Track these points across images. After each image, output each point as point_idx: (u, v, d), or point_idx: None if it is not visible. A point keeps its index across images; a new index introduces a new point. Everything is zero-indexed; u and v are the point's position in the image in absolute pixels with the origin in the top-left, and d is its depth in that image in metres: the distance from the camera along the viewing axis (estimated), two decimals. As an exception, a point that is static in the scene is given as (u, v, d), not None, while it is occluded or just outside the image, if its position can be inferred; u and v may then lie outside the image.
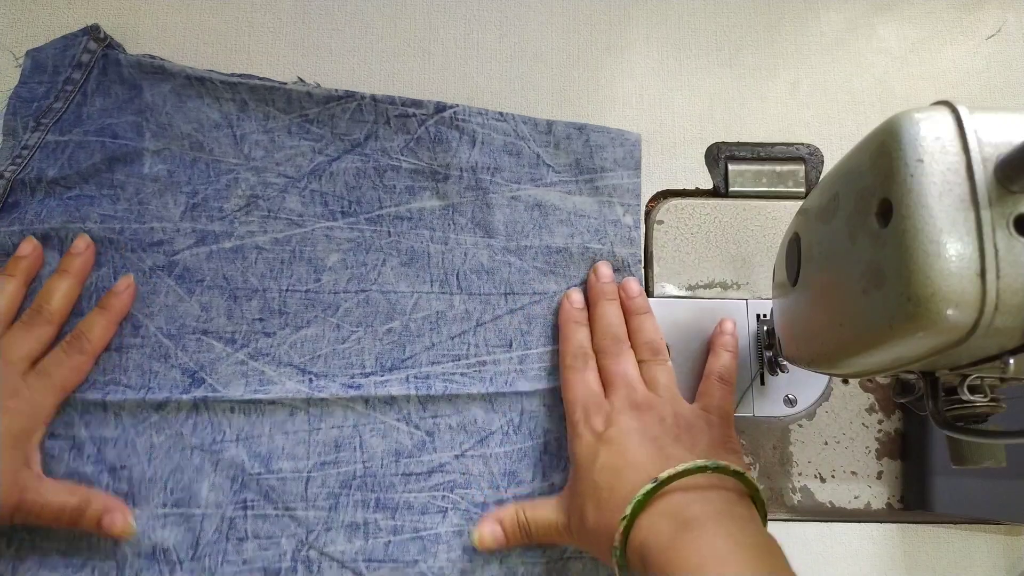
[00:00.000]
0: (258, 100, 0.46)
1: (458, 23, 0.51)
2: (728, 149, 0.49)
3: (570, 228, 0.46)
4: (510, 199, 0.46)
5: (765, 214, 0.48)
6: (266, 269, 0.45)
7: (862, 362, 0.29)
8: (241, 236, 0.45)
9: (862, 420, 0.46)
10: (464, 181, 0.46)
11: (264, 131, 0.46)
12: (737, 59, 0.51)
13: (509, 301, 0.45)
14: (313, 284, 0.45)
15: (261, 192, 0.46)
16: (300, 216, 0.45)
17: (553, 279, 0.46)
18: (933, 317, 0.23)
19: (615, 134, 0.48)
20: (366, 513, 0.42)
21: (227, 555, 0.41)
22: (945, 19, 0.52)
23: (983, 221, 0.23)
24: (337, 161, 0.46)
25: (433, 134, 0.46)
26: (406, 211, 0.46)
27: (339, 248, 0.45)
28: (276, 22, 0.50)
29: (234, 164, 0.46)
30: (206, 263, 0.44)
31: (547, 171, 0.47)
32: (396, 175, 0.46)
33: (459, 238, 0.46)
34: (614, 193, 0.47)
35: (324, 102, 0.46)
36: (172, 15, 0.50)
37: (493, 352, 0.44)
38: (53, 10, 0.49)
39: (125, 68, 0.46)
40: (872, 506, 0.44)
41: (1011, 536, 0.44)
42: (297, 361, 0.43)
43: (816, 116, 0.50)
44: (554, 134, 0.47)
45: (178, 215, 0.45)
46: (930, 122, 0.25)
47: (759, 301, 0.46)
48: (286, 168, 0.46)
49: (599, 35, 0.51)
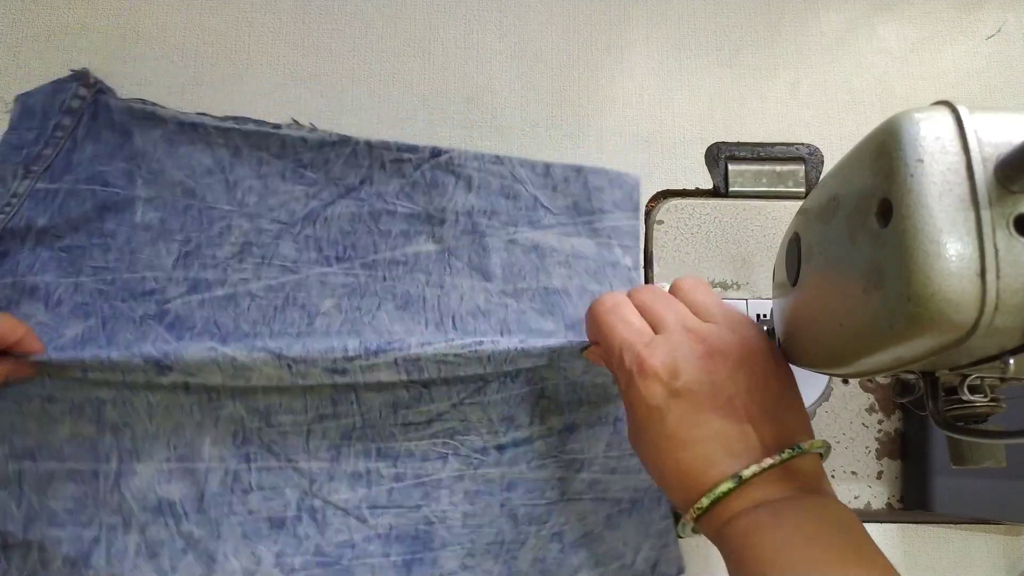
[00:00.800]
0: (251, 146, 0.46)
1: (458, 23, 0.51)
2: (728, 149, 0.49)
3: (568, 270, 0.46)
4: (507, 242, 0.46)
5: (765, 214, 0.48)
6: (259, 315, 0.44)
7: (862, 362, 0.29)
8: (234, 283, 0.44)
9: (862, 420, 0.46)
10: (460, 225, 0.45)
11: (258, 176, 0.46)
12: (737, 59, 0.51)
13: (506, 337, 0.44)
14: (305, 327, 0.44)
15: (255, 239, 0.45)
16: (294, 262, 0.45)
17: (551, 319, 0.45)
18: (933, 317, 0.23)
19: (613, 176, 0.47)
20: (368, 462, 0.42)
21: (232, 507, 0.41)
22: (945, 19, 0.52)
23: (983, 221, 0.23)
24: (332, 206, 0.45)
25: (429, 178, 0.46)
26: (401, 255, 0.45)
27: (333, 293, 0.44)
28: (276, 22, 0.50)
29: (227, 211, 0.45)
30: (198, 311, 0.44)
31: (545, 213, 0.46)
32: (391, 219, 0.45)
33: (455, 281, 0.45)
34: (613, 235, 0.46)
35: (318, 147, 0.46)
36: (172, 15, 0.50)
37: (490, 335, 0.43)
38: (53, 10, 0.49)
39: (116, 114, 0.46)
40: (872, 506, 0.44)
41: (1011, 536, 0.44)
42: (272, 346, 0.41)
43: (816, 116, 0.50)
44: (552, 176, 0.47)
45: (170, 264, 0.44)
46: (930, 122, 0.25)
47: (759, 301, 0.46)
48: (280, 214, 0.45)
49: (599, 35, 0.51)
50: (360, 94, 0.50)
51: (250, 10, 0.50)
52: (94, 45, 0.49)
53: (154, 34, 0.49)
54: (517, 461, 0.43)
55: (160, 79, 0.49)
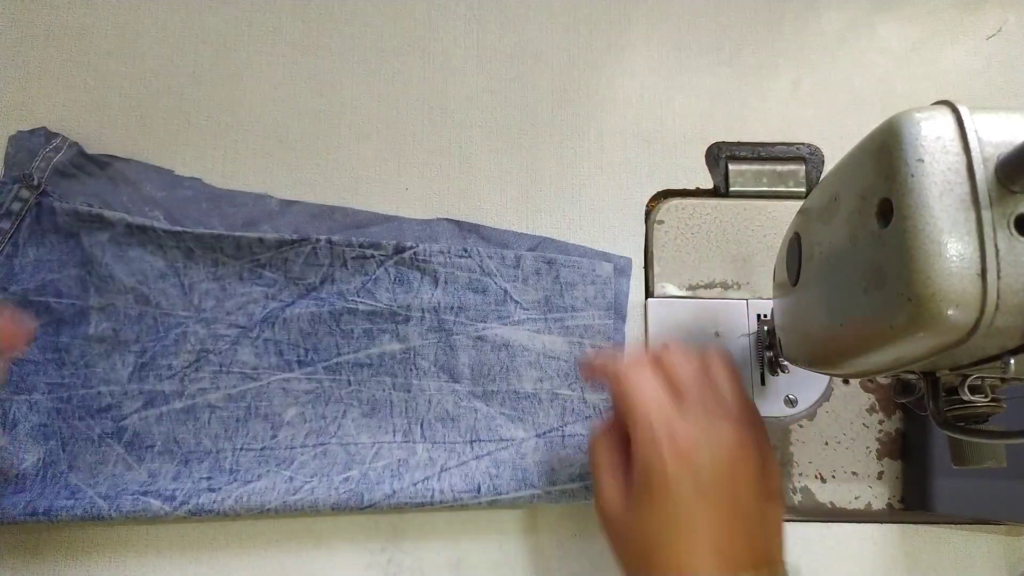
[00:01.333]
0: (205, 247, 0.44)
1: (458, 23, 0.51)
2: (728, 149, 0.49)
3: (539, 371, 0.44)
4: (475, 339, 0.44)
5: (765, 214, 0.48)
6: (220, 429, 0.42)
7: (863, 362, 0.29)
8: (192, 395, 0.43)
9: (863, 420, 0.45)
10: (426, 323, 0.44)
11: (214, 278, 0.44)
12: (737, 58, 0.51)
13: (475, 448, 0.43)
14: (269, 441, 0.42)
15: (211, 346, 0.43)
16: (254, 369, 0.43)
17: (521, 426, 0.44)
18: (934, 317, 0.23)
19: (586, 270, 0.46)
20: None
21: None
22: (946, 19, 0.52)
23: (984, 221, 0.23)
24: (291, 307, 0.44)
25: (393, 275, 0.44)
26: (365, 357, 0.44)
27: (297, 401, 0.43)
28: (276, 22, 0.50)
29: (183, 317, 0.43)
30: (156, 427, 0.42)
31: (515, 308, 0.45)
32: (353, 318, 0.44)
33: (422, 384, 0.44)
34: (585, 334, 0.45)
35: (276, 247, 0.44)
36: (172, 15, 0.50)
37: (460, 497, 0.41)
38: (53, 10, 0.49)
39: (60, 216, 0.44)
40: (873, 506, 0.44)
41: (1011, 536, 0.44)
42: (243, 513, 0.40)
43: (817, 116, 0.50)
44: (522, 268, 0.45)
45: (126, 376, 0.42)
46: (931, 122, 0.25)
47: (759, 301, 0.46)
48: (237, 317, 0.44)
49: (599, 35, 0.51)
50: (360, 94, 0.50)
51: (250, 10, 0.50)
52: (94, 45, 0.49)
53: (154, 34, 0.49)
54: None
55: (160, 79, 0.49)
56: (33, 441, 0.41)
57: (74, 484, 0.41)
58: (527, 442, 0.43)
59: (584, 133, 0.49)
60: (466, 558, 0.43)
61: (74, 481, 0.41)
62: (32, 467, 0.41)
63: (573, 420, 0.44)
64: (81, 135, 0.47)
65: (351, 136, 0.49)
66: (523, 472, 0.43)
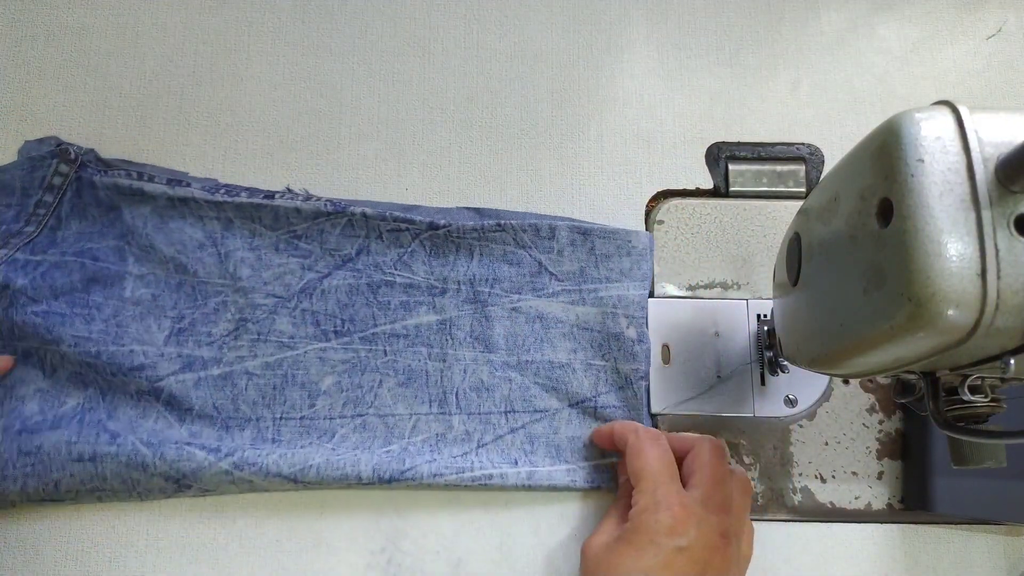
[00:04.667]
0: (244, 217, 0.45)
1: (458, 23, 0.51)
2: (728, 149, 0.49)
3: (573, 343, 0.45)
4: (510, 311, 0.45)
5: (765, 214, 0.48)
6: (258, 396, 0.43)
7: (863, 362, 0.29)
8: (230, 362, 0.43)
9: (863, 420, 0.45)
10: (462, 294, 0.45)
11: (250, 248, 0.45)
12: (737, 59, 0.51)
13: (510, 420, 0.44)
14: (308, 411, 0.43)
15: (249, 315, 0.44)
16: (291, 338, 0.44)
17: (555, 396, 0.44)
18: (934, 317, 0.23)
19: (622, 241, 0.46)
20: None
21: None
22: (945, 19, 0.52)
23: (984, 221, 0.23)
24: (328, 278, 0.45)
25: (428, 248, 0.45)
26: (402, 328, 0.44)
27: (333, 370, 0.44)
28: (276, 22, 0.50)
29: (220, 286, 0.44)
30: (194, 391, 0.42)
31: (549, 280, 0.45)
32: (390, 291, 0.45)
33: (457, 354, 0.44)
34: (619, 305, 0.45)
35: (313, 217, 0.45)
36: (172, 15, 0.50)
37: (499, 467, 0.42)
38: (53, 10, 0.49)
39: (101, 191, 0.45)
40: (873, 507, 0.44)
41: (1011, 536, 0.44)
42: (287, 471, 0.41)
43: (817, 116, 0.50)
44: (557, 240, 0.46)
45: (161, 339, 0.43)
46: (931, 122, 0.25)
47: (759, 301, 0.46)
48: (275, 287, 0.44)
49: (599, 35, 0.51)
50: (360, 94, 0.50)
51: (250, 10, 0.50)
52: (94, 45, 0.49)
53: (154, 34, 0.49)
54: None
55: (160, 79, 0.49)
56: (73, 386, 0.42)
57: (113, 429, 0.41)
58: (560, 413, 0.44)
59: (584, 133, 0.49)
60: (466, 558, 0.43)
61: (112, 428, 0.41)
62: (72, 410, 0.42)
63: (607, 390, 0.44)
64: (81, 135, 0.47)
65: (351, 136, 0.49)
66: (556, 449, 0.43)
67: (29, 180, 0.45)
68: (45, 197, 0.44)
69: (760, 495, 0.44)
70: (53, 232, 0.44)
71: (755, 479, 0.44)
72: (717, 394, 0.45)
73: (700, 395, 0.45)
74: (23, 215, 0.44)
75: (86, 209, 0.45)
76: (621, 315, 0.45)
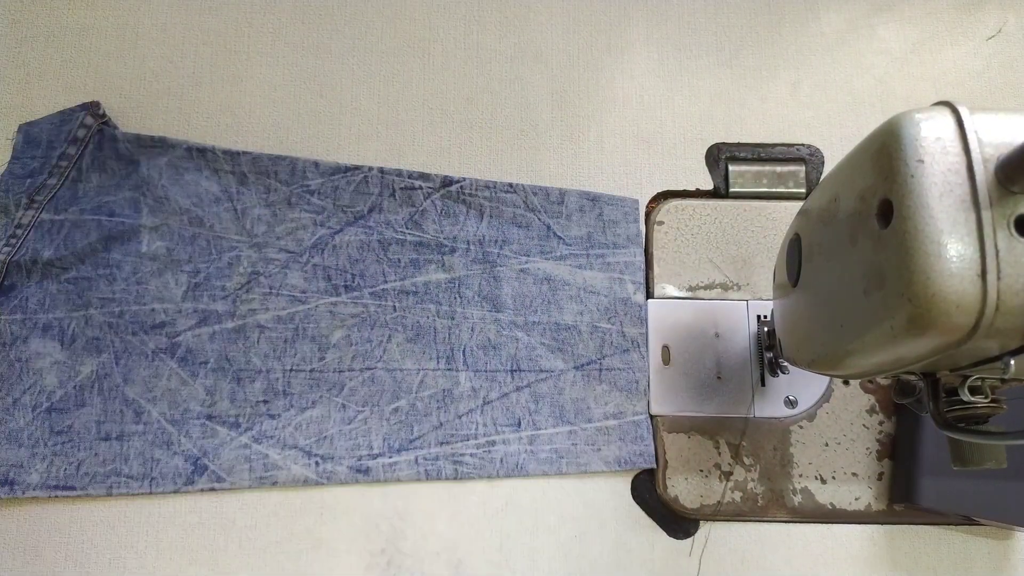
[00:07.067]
0: (259, 172, 0.46)
1: (458, 23, 0.51)
2: (728, 150, 0.49)
3: (579, 305, 0.46)
4: (518, 272, 0.46)
5: (765, 215, 0.48)
6: (269, 349, 0.44)
7: (863, 363, 0.29)
8: (243, 315, 0.45)
9: (863, 421, 0.45)
10: (471, 254, 0.46)
11: (266, 204, 0.46)
12: (737, 59, 0.51)
13: (516, 378, 0.45)
14: (317, 363, 0.44)
15: (262, 269, 0.45)
16: (303, 292, 0.45)
17: (560, 357, 0.45)
18: (934, 318, 0.23)
19: (629, 208, 0.47)
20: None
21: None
22: (945, 20, 0.52)
23: (984, 222, 0.23)
24: (340, 234, 0.46)
25: (439, 207, 0.46)
26: (411, 285, 0.45)
27: (343, 324, 0.45)
28: (276, 22, 0.50)
29: (235, 241, 0.45)
30: (209, 344, 0.44)
31: (557, 243, 0.46)
32: (401, 248, 0.46)
33: (466, 312, 0.45)
34: (625, 270, 0.46)
35: (330, 173, 0.46)
36: (172, 15, 0.50)
37: (502, 431, 0.44)
38: (52, 10, 0.49)
39: (122, 144, 0.46)
40: (873, 507, 0.44)
41: (1011, 537, 0.44)
42: (303, 443, 0.43)
43: (817, 117, 0.50)
44: (566, 204, 0.47)
45: (180, 295, 0.44)
46: (931, 123, 0.25)
47: (759, 302, 0.46)
48: (287, 242, 0.45)
49: (599, 35, 0.51)
50: (360, 94, 0.50)
51: (250, 10, 0.50)
52: (94, 45, 0.49)
53: (154, 34, 0.49)
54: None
55: (160, 79, 0.49)
56: (87, 354, 0.44)
57: (132, 399, 0.43)
58: (566, 374, 0.45)
59: (584, 133, 0.49)
60: (466, 559, 0.43)
61: (131, 395, 0.43)
62: (87, 379, 0.43)
63: (611, 353, 0.45)
64: (81, 135, 0.47)
65: (351, 136, 0.49)
66: (560, 409, 0.44)
67: (56, 133, 0.46)
68: (68, 149, 0.46)
69: (760, 496, 0.44)
70: (75, 185, 0.46)
71: (755, 480, 0.44)
72: (717, 395, 0.45)
73: (700, 396, 0.45)
74: (47, 167, 0.45)
75: (106, 162, 0.46)
76: (628, 280, 0.46)
